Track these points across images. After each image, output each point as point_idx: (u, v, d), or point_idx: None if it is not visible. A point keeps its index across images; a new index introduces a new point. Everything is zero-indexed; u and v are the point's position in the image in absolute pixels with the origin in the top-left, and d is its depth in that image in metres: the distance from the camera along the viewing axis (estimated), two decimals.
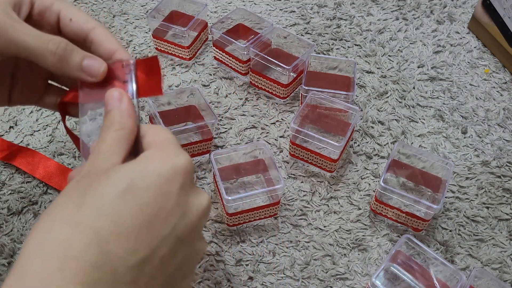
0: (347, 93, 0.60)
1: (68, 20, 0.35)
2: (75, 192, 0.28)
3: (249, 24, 0.71)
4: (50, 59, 0.33)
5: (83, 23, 0.36)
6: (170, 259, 0.29)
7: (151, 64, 0.35)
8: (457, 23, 0.78)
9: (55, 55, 0.32)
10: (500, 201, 0.57)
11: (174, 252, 0.29)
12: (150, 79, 0.34)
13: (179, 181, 0.30)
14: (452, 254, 0.53)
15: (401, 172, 0.57)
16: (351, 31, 0.76)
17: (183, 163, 0.30)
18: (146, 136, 0.32)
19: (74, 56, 0.33)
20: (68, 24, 0.36)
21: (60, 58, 0.33)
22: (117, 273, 0.26)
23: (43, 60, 0.33)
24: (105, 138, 0.31)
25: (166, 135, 0.32)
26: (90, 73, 0.33)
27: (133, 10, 0.79)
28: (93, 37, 0.36)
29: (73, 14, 0.36)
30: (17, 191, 0.56)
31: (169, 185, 0.29)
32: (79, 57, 0.33)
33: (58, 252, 0.25)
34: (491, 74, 0.71)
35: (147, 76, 0.34)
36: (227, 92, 0.68)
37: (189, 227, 0.30)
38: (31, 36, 0.32)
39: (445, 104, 0.67)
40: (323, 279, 0.51)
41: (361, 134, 0.63)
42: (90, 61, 0.33)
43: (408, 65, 0.72)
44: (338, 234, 0.54)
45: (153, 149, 0.31)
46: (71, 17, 0.35)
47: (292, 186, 0.58)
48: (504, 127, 0.64)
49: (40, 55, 0.32)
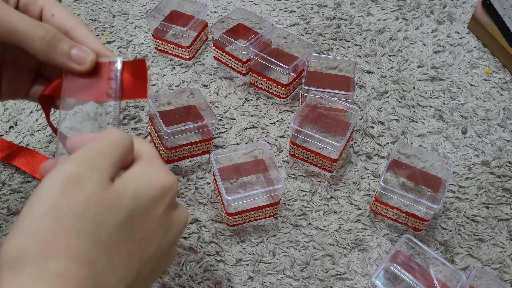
0: (347, 93, 0.60)
1: (50, 16, 0.35)
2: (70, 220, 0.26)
3: (249, 24, 0.71)
4: (38, 44, 0.32)
5: (65, 20, 0.35)
6: (150, 276, 0.30)
7: (138, 66, 0.34)
8: (457, 23, 0.78)
9: (43, 40, 0.32)
10: (500, 201, 0.57)
11: (154, 268, 0.30)
12: (135, 82, 0.34)
13: (166, 202, 0.30)
14: (452, 254, 0.53)
15: (401, 172, 0.57)
16: (351, 31, 0.76)
17: (170, 181, 0.30)
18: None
19: (62, 44, 0.33)
20: (49, 19, 0.35)
21: (48, 44, 0.33)
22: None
23: (31, 45, 0.33)
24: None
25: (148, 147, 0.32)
26: (78, 61, 0.33)
27: (133, 10, 0.79)
28: (74, 35, 0.35)
29: (55, 9, 0.36)
30: (17, 191, 0.56)
31: (157, 207, 0.29)
32: (68, 45, 0.33)
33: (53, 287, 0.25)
34: (491, 74, 0.71)
35: (133, 78, 0.34)
36: (227, 92, 0.68)
37: (169, 244, 0.31)
38: (21, 19, 0.32)
39: (445, 104, 0.67)
40: (323, 279, 0.51)
41: (361, 134, 0.63)
42: (78, 50, 0.33)
43: (408, 65, 0.72)
44: (338, 234, 0.54)
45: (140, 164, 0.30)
46: (53, 13, 0.35)
47: (292, 186, 0.58)
48: (504, 127, 0.64)
49: (28, 39, 0.32)
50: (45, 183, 0.27)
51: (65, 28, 0.35)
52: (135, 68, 0.34)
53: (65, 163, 0.27)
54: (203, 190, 0.58)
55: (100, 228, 0.26)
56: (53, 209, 0.26)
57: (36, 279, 0.25)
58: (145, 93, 0.34)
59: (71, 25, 0.35)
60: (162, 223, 0.29)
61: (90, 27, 0.38)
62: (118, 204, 0.27)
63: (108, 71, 0.34)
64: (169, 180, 0.30)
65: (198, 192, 0.57)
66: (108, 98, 0.33)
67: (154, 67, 0.71)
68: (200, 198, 0.57)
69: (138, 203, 0.28)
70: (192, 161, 0.60)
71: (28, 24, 0.32)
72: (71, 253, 0.26)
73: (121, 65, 0.34)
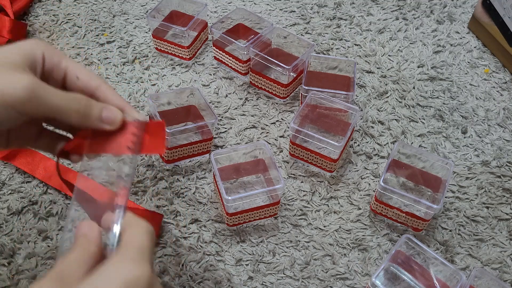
0: (347, 93, 0.60)
1: (75, 78, 0.37)
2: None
3: (249, 24, 0.71)
4: (75, 117, 0.35)
5: (89, 81, 0.38)
6: None
7: (158, 127, 0.38)
8: (457, 23, 0.78)
9: (79, 113, 0.35)
10: (500, 201, 0.57)
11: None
12: (154, 140, 0.37)
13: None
14: (452, 254, 0.53)
15: (401, 172, 0.57)
16: (351, 31, 0.76)
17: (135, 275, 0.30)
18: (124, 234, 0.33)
19: (94, 110, 0.36)
20: (75, 82, 0.38)
21: (83, 115, 0.35)
22: None
23: (69, 119, 0.35)
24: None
25: (140, 242, 0.32)
26: (108, 122, 0.36)
27: (133, 10, 0.79)
28: (100, 95, 0.38)
29: (79, 72, 0.38)
30: (17, 191, 0.56)
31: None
32: (98, 110, 0.36)
33: None
34: (491, 74, 0.71)
35: (152, 137, 0.38)
36: (227, 92, 0.68)
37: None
38: (59, 98, 0.34)
39: (445, 104, 0.67)
40: (323, 279, 0.51)
41: (361, 134, 0.63)
42: (108, 112, 0.36)
43: (408, 65, 0.72)
44: (338, 234, 0.54)
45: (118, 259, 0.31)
46: (78, 75, 0.38)
47: (292, 186, 0.58)
48: (504, 127, 0.64)
49: (67, 114, 0.35)
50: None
51: (91, 88, 0.38)
52: (155, 128, 0.38)
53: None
54: (203, 190, 0.58)
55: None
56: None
57: None
58: (163, 150, 0.38)
59: (95, 86, 0.38)
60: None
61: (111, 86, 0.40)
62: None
63: (131, 128, 0.37)
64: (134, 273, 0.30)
65: (198, 192, 0.58)
66: (128, 150, 0.37)
67: (154, 67, 0.71)
68: (200, 198, 0.57)
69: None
70: (192, 161, 0.60)
71: (66, 101, 0.34)
72: None
73: (143, 125, 0.38)
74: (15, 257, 0.52)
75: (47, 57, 0.36)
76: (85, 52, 0.72)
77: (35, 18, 0.77)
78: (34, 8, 0.79)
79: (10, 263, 0.51)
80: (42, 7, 0.79)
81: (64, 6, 0.80)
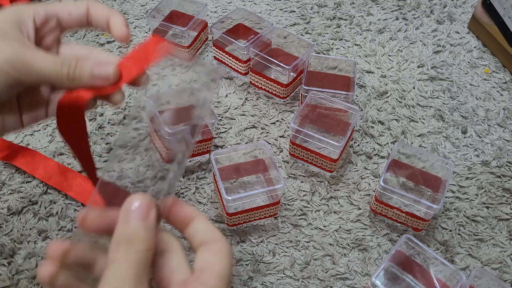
0: (347, 93, 0.60)
1: (68, 15, 0.38)
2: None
3: (249, 24, 0.71)
4: (65, 82, 0.34)
5: (78, 10, 0.38)
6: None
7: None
8: (457, 23, 0.78)
9: (69, 76, 0.34)
10: (500, 201, 0.57)
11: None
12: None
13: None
14: (452, 254, 0.53)
15: (401, 172, 0.57)
16: (351, 31, 0.76)
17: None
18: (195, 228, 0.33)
19: (84, 71, 0.34)
20: (70, 19, 0.38)
21: (73, 78, 0.34)
22: None
23: (59, 83, 0.34)
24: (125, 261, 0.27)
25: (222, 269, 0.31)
26: (102, 79, 0.35)
27: (133, 10, 0.79)
28: (91, 13, 0.38)
29: (67, 7, 0.38)
30: (17, 191, 0.56)
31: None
32: (89, 69, 0.35)
33: None
34: (491, 74, 0.71)
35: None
36: (227, 92, 0.68)
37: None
38: (47, 63, 0.33)
39: (445, 104, 0.67)
40: (323, 279, 0.51)
41: (361, 134, 0.63)
42: (99, 69, 0.35)
43: (408, 65, 0.72)
44: (338, 234, 0.54)
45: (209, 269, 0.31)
46: (70, 12, 0.38)
47: (292, 186, 0.58)
48: (504, 127, 0.64)
49: (57, 80, 0.34)
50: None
51: (83, 16, 0.38)
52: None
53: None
54: (203, 190, 0.58)
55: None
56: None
57: None
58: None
59: (85, 10, 0.38)
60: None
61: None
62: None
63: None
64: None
65: (198, 192, 0.57)
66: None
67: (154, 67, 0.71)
68: (200, 198, 0.57)
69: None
70: (192, 161, 0.60)
71: (54, 66, 0.34)
72: None
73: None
74: (15, 257, 0.52)
75: (35, 15, 0.36)
76: None
77: None
78: None
79: (10, 263, 0.51)
80: None
81: None
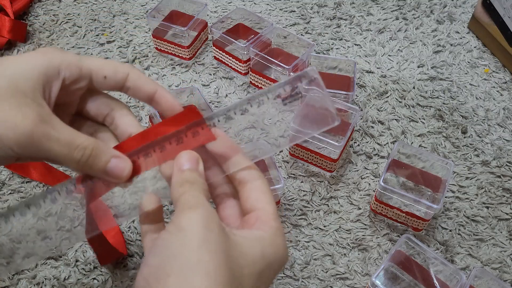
0: (347, 92, 0.60)
1: (103, 78, 0.35)
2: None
3: (249, 23, 0.71)
4: (74, 166, 0.32)
5: (116, 75, 0.35)
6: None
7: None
8: (457, 22, 0.78)
9: (79, 164, 0.32)
10: (500, 200, 0.57)
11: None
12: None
13: (278, 273, 0.32)
14: (452, 254, 0.53)
15: (401, 172, 0.57)
16: (351, 31, 0.76)
17: (287, 258, 0.32)
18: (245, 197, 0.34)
19: (96, 164, 0.33)
20: (103, 82, 0.35)
21: (84, 166, 0.32)
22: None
23: (68, 165, 0.33)
24: None
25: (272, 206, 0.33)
26: (114, 176, 0.33)
27: (133, 9, 0.79)
28: (129, 85, 0.35)
29: (104, 70, 0.35)
30: (17, 191, 0.56)
31: (273, 276, 0.31)
32: (102, 163, 0.33)
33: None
34: (491, 73, 0.71)
35: None
36: (227, 92, 0.68)
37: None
38: (61, 147, 0.31)
39: (445, 104, 0.67)
40: (323, 278, 0.51)
41: (361, 134, 0.63)
42: (114, 164, 0.33)
43: (408, 65, 0.72)
44: (338, 234, 0.54)
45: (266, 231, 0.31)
46: (105, 74, 0.34)
47: (292, 186, 0.58)
48: (504, 127, 0.64)
49: (65, 162, 0.32)
50: None
51: (120, 83, 0.35)
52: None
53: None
54: None
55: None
56: None
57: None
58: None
59: (124, 78, 0.35)
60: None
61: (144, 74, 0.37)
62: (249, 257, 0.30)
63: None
64: (286, 257, 0.32)
65: None
66: None
67: (154, 67, 0.71)
68: None
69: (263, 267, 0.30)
70: None
71: (67, 149, 0.31)
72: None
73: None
74: (14, 257, 0.52)
75: (65, 73, 0.33)
76: (85, 52, 0.72)
77: (35, 18, 0.77)
78: (34, 8, 0.79)
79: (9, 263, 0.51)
80: (42, 7, 0.79)
81: (64, 6, 0.80)
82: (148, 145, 0.34)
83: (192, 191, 0.30)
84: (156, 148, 0.34)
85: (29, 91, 0.31)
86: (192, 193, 0.30)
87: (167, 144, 0.34)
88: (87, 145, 0.32)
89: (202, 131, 0.35)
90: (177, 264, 0.27)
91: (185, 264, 0.26)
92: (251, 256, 0.30)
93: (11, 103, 0.30)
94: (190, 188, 0.31)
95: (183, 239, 0.27)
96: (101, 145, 0.33)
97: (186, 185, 0.31)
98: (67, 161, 0.32)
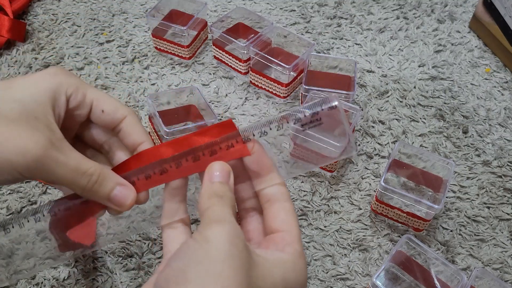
0: (347, 92, 0.60)
1: (101, 112, 0.36)
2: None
3: (249, 23, 0.71)
4: (78, 191, 0.33)
5: (114, 113, 0.36)
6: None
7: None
8: (458, 22, 0.78)
9: (84, 189, 0.33)
10: (501, 201, 0.57)
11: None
12: None
13: None
14: (453, 254, 0.53)
15: (402, 172, 0.57)
16: (351, 30, 0.76)
17: (306, 283, 0.33)
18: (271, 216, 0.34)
19: (101, 190, 0.33)
20: (100, 116, 0.36)
21: (88, 191, 0.33)
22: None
23: (73, 190, 0.33)
24: None
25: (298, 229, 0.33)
26: (116, 204, 0.34)
27: (132, 9, 0.79)
28: (122, 126, 0.36)
29: (104, 105, 0.36)
30: (16, 190, 0.56)
31: None
32: (107, 191, 0.33)
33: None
34: (492, 73, 0.71)
35: None
36: (227, 91, 0.67)
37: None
38: (68, 171, 0.32)
39: (446, 104, 0.67)
40: (324, 279, 0.51)
41: (361, 134, 0.63)
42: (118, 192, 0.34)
43: (409, 64, 0.71)
44: (339, 234, 0.54)
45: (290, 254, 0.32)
46: (104, 109, 0.36)
47: (293, 186, 0.58)
48: (505, 127, 0.64)
49: (71, 187, 0.33)
50: None
51: (115, 121, 0.36)
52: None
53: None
54: None
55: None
56: None
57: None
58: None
59: (120, 118, 0.36)
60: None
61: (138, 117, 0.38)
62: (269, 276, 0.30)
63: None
64: (306, 282, 0.32)
65: (197, 192, 0.57)
66: None
67: (153, 66, 0.71)
68: None
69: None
70: None
71: (74, 174, 0.32)
72: None
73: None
74: (14, 257, 0.52)
75: (71, 97, 0.34)
76: (85, 52, 0.72)
77: (34, 17, 0.77)
78: (33, 7, 0.79)
79: (8, 263, 0.51)
80: (41, 6, 0.79)
81: (63, 5, 0.79)
82: (180, 155, 0.34)
83: (220, 206, 0.31)
84: (188, 157, 0.34)
85: (41, 116, 0.31)
86: (220, 208, 0.31)
87: (200, 154, 0.34)
88: (93, 172, 0.33)
89: (237, 144, 0.34)
90: (199, 272, 0.27)
91: (206, 274, 0.27)
92: (271, 279, 0.30)
93: (24, 128, 0.30)
94: (218, 202, 0.31)
95: (208, 249, 0.28)
96: (106, 172, 0.34)
97: (214, 199, 0.31)
98: (73, 186, 0.32)
